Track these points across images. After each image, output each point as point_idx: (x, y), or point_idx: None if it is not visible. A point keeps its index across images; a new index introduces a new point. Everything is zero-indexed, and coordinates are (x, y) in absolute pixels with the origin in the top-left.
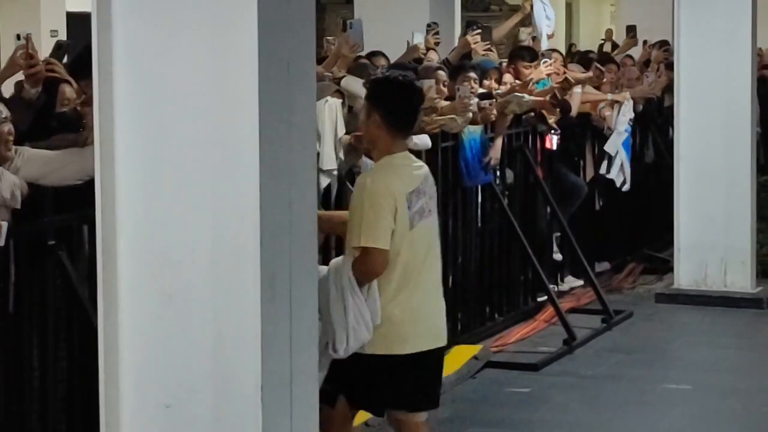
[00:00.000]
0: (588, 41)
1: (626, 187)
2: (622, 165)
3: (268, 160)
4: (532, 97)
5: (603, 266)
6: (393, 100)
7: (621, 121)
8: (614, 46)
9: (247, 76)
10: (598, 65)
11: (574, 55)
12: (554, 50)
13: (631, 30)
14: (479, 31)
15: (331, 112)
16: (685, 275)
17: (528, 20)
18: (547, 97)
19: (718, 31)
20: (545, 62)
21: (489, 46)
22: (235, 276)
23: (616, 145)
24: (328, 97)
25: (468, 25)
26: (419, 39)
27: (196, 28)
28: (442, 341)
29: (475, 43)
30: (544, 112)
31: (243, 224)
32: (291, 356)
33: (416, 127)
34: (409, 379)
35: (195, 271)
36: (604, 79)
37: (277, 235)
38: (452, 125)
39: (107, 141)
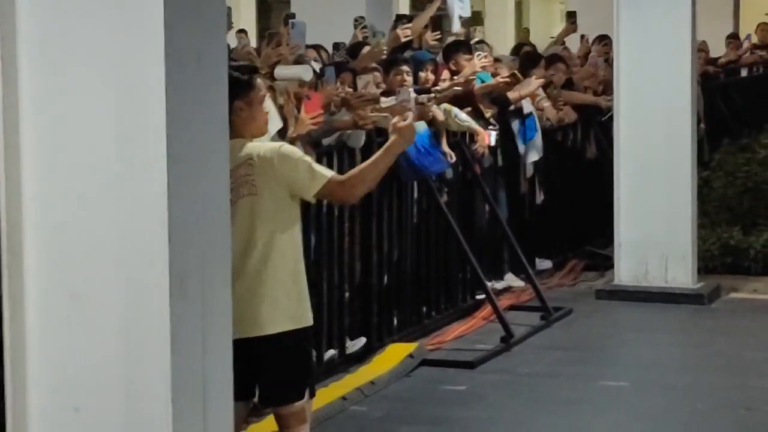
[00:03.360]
0: (538, 40)
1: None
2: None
3: (176, 155)
4: (470, 122)
5: (545, 264)
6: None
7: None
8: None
9: (153, 68)
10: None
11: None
12: (483, 42)
13: (571, 16)
14: (409, 24)
15: None
16: (626, 271)
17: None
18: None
19: (657, 26)
20: (479, 55)
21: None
22: (144, 274)
23: (535, 155)
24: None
25: (398, 19)
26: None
27: (101, 18)
28: (246, 332)
29: (405, 37)
30: (481, 106)
31: (150, 221)
32: (204, 357)
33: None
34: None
35: (103, 270)
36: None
37: (187, 232)
38: (385, 123)
39: (12, 136)
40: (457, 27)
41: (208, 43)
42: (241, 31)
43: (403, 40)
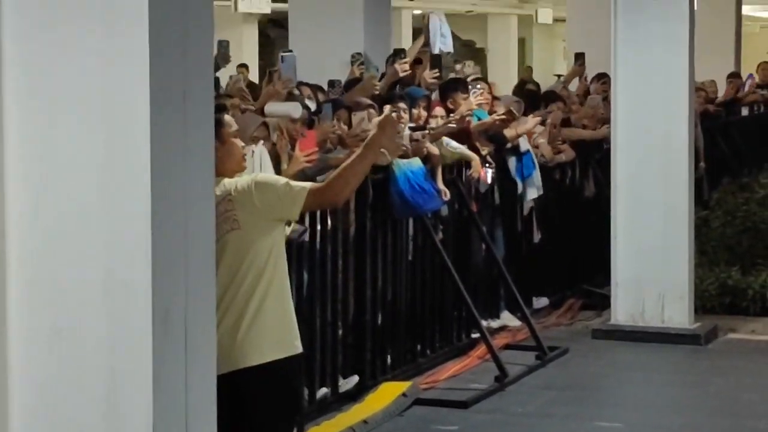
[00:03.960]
0: (541, 77)
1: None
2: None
3: (161, 190)
4: (461, 149)
5: (542, 302)
6: None
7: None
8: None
9: (138, 104)
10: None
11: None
12: (481, 79)
13: (579, 57)
14: (407, 59)
15: (256, 162)
16: (623, 310)
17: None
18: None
19: (655, 64)
20: (474, 92)
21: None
22: (127, 309)
23: (535, 192)
24: (253, 147)
25: (395, 53)
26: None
27: (85, 54)
28: (232, 365)
29: (403, 72)
30: (477, 144)
31: (134, 256)
32: (186, 395)
33: None
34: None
35: (86, 305)
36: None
37: (171, 268)
38: (381, 159)
39: None
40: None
41: (194, 80)
42: (243, 65)
43: (401, 74)
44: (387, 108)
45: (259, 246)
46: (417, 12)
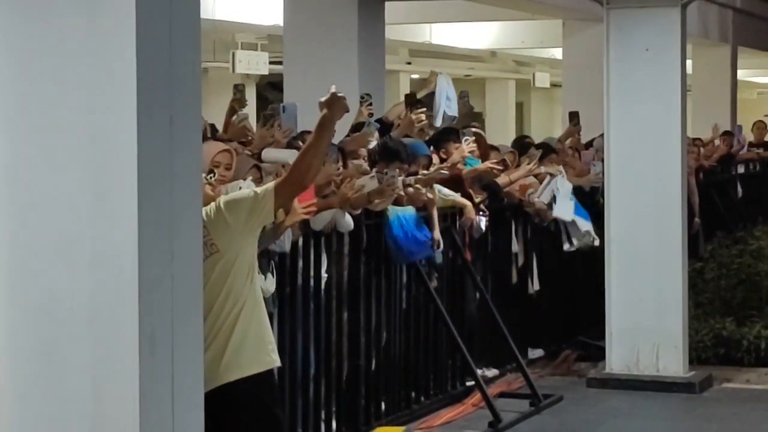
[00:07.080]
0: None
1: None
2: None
3: (148, 213)
4: (454, 196)
5: (537, 353)
6: None
7: (545, 193)
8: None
9: (125, 128)
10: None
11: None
12: (475, 128)
13: (573, 117)
14: (424, 109)
15: None
16: (617, 359)
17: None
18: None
19: (648, 119)
20: (466, 140)
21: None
22: (114, 331)
23: (566, 212)
24: (241, 181)
25: (413, 104)
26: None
27: (73, 78)
28: (211, 384)
29: (419, 122)
30: (470, 191)
31: (121, 277)
32: (173, 416)
33: None
34: None
35: (73, 326)
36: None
37: (158, 289)
38: (375, 206)
39: None
40: (439, 122)
41: (180, 104)
42: None
43: (417, 125)
44: (333, 87)
45: (238, 267)
46: (415, 76)
